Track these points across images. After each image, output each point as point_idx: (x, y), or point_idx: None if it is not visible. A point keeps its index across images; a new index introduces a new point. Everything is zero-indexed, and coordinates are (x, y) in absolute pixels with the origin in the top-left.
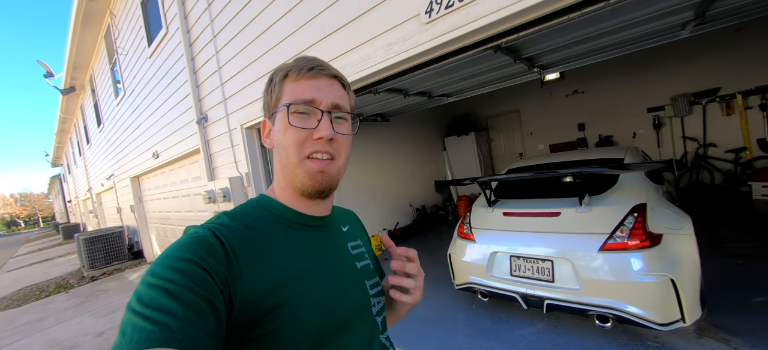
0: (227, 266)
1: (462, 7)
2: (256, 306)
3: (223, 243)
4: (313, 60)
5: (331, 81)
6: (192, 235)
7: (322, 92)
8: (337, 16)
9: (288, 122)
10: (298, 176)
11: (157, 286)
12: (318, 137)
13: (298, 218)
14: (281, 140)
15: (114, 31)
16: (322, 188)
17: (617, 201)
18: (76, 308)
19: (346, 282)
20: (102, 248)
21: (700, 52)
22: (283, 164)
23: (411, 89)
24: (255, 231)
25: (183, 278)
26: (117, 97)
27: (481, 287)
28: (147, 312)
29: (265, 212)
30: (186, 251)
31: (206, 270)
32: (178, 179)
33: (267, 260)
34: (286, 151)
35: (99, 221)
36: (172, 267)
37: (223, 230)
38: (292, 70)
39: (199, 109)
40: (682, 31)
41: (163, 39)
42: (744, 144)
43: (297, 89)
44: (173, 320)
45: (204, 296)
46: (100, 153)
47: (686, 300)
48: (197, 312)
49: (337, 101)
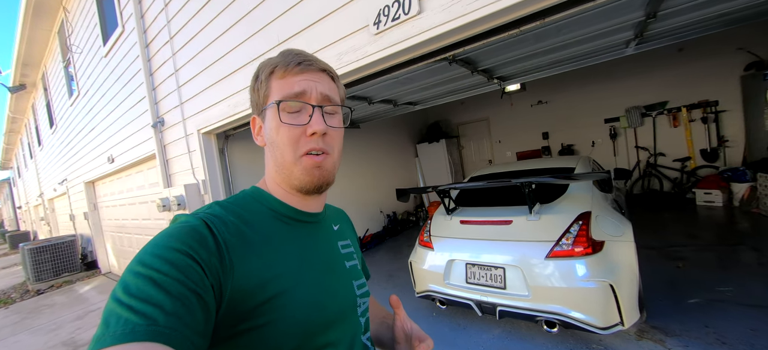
0: (218, 258)
1: (407, 20)
2: (245, 300)
3: (214, 234)
4: (300, 54)
5: (320, 74)
6: (183, 224)
7: (312, 86)
8: (291, 24)
9: (279, 120)
10: (295, 173)
11: (145, 276)
12: (311, 132)
13: (291, 214)
14: (274, 138)
15: (67, 27)
16: (319, 184)
17: (565, 209)
18: (14, 325)
19: (336, 281)
20: (50, 259)
21: (651, 67)
22: (278, 163)
23: (375, 97)
24: (247, 224)
25: (172, 269)
26: (71, 96)
27: (438, 295)
28: (133, 303)
29: (259, 205)
30: (177, 240)
31: (197, 261)
32: (134, 185)
33: (259, 254)
34: (280, 150)
35: (51, 229)
36: (162, 257)
37: (216, 221)
38: (279, 65)
39: (156, 112)
40: (626, 49)
41: (118, 38)
42: (689, 154)
43: (285, 85)
44: (160, 313)
45: (193, 289)
46: (52, 156)
47: (624, 304)
48: (185, 305)
49: (327, 94)
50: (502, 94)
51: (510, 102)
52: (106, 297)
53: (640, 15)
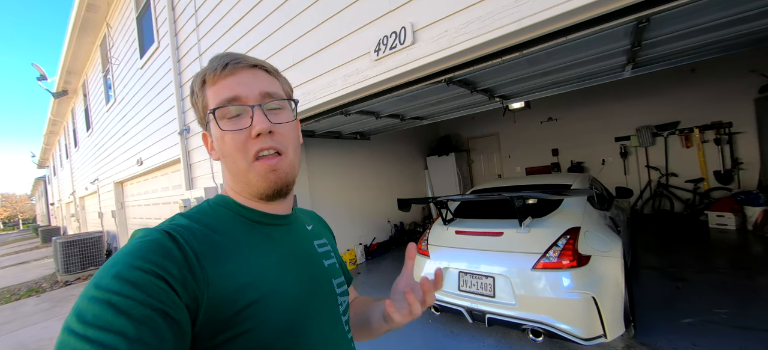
0: (188, 269)
1: (403, 50)
2: (223, 309)
3: (180, 245)
4: (226, 55)
5: (253, 71)
6: (143, 239)
7: (245, 85)
8: (305, 48)
9: (220, 128)
10: (251, 180)
11: (101, 300)
12: (256, 133)
13: (260, 218)
14: (222, 148)
15: (109, 41)
16: (278, 188)
17: (555, 224)
18: (45, 312)
19: (314, 280)
20: (79, 253)
21: (662, 87)
22: (233, 173)
23: (382, 112)
24: (216, 231)
25: (133, 289)
26: (108, 103)
27: None
28: (89, 333)
29: (226, 211)
30: (137, 257)
31: (162, 277)
32: (159, 187)
33: (233, 259)
34: (231, 158)
35: (80, 225)
36: (121, 277)
37: (182, 231)
38: (207, 72)
39: (183, 120)
40: (623, 73)
41: (154, 52)
42: (702, 175)
43: (218, 91)
44: (122, 340)
45: (159, 308)
46: (86, 157)
47: (607, 317)
48: (151, 328)
49: (265, 90)
50: (504, 111)
51: (513, 119)
52: None
53: (626, 44)
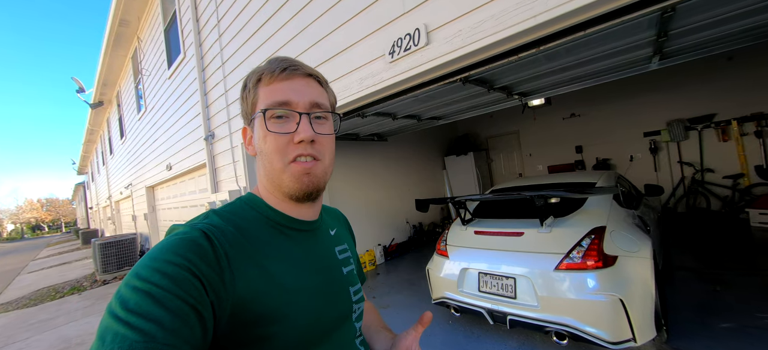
0: (218, 271)
1: (417, 51)
2: (246, 313)
3: (214, 246)
4: (285, 60)
5: (307, 80)
6: (181, 235)
7: (298, 92)
8: (322, 52)
9: (266, 128)
10: (284, 181)
11: (142, 290)
12: (298, 140)
13: (287, 222)
14: (262, 147)
15: (140, 53)
16: (309, 191)
17: (578, 224)
18: (86, 309)
19: (333, 289)
20: (115, 254)
21: (694, 78)
22: (268, 171)
23: (399, 113)
24: (245, 234)
25: (171, 283)
26: (139, 112)
27: (453, 302)
28: (130, 319)
29: (255, 213)
30: (175, 253)
31: (196, 275)
32: (187, 190)
33: (258, 265)
34: (269, 158)
35: (116, 228)
36: (160, 271)
37: (215, 232)
38: (265, 72)
39: (208, 127)
40: (649, 64)
41: (180, 63)
42: (742, 171)
43: (271, 93)
44: (158, 329)
45: (192, 304)
46: (121, 163)
47: (636, 320)
48: (184, 321)
49: (314, 100)
50: (523, 109)
51: (533, 116)
52: None
53: (651, 35)
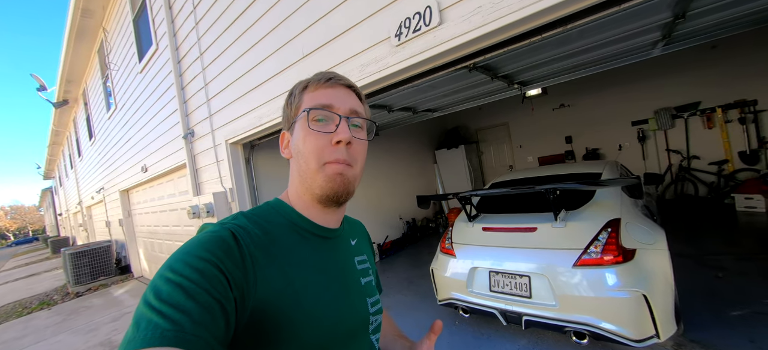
0: (243, 270)
1: (428, 31)
2: (265, 313)
3: (240, 245)
4: (330, 73)
5: (347, 90)
6: (211, 233)
7: (340, 99)
8: (315, 38)
9: (308, 127)
10: (318, 181)
11: (175, 283)
12: (337, 140)
13: (311, 228)
14: (300, 147)
15: (107, 46)
16: (340, 192)
17: (592, 216)
18: (57, 326)
19: (351, 299)
20: (88, 263)
21: (680, 67)
22: (302, 171)
23: (395, 105)
24: (270, 237)
25: (201, 278)
26: (108, 110)
27: (462, 303)
28: (163, 309)
29: (281, 218)
30: (205, 250)
31: (223, 272)
32: (165, 193)
33: (280, 268)
34: (305, 158)
35: (88, 235)
36: (191, 265)
37: (242, 233)
38: (312, 81)
39: (186, 124)
40: (653, 50)
41: (153, 55)
42: (726, 157)
43: (316, 97)
44: (188, 320)
45: (218, 299)
46: (91, 166)
47: (659, 316)
48: (210, 314)
49: (354, 107)
50: (523, 99)
51: (531, 106)
52: (139, 300)
53: (668, 16)
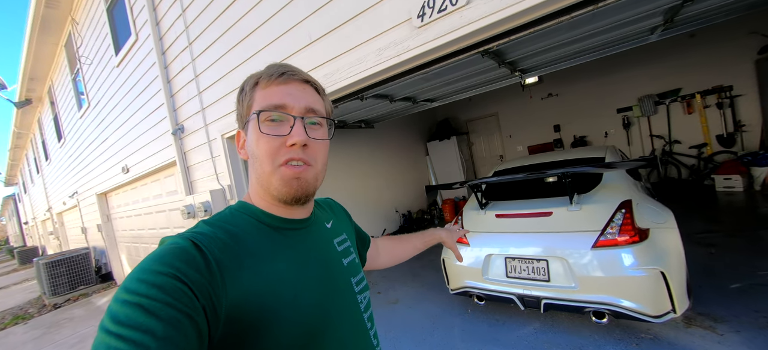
0: (209, 277)
1: (455, 11)
2: (243, 316)
3: (203, 252)
4: (283, 66)
5: (303, 86)
6: (169, 245)
7: (294, 97)
8: (325, 21)
9: (259, 131)
10: (273, 184)
11: (132, 303)
12: (291, 143)
13: (279, 223)
14: (254, 149)
15: (76, 38)
16: (298, 196)
17: (604, 199)
18: (36, 340)
19: (332, 282)
20: (66, 273)
21: (662, 55)
22: (258, 174)
23: (396, 95)
24: (236, 239)
25: (160, 292)
26: (80, 109)
27: (477, 290)
28: (122, 332)
29: (245, 218)
30: (162, 263)
31: (185, 283)
32: (151, 195)
33: (250, 267)
34: (260, 160)
35: (61, 243)
36: (148, 282)
37: (203, 239)
38: (263, 77)
39: (175, 119)
40: (650, 36)
41: (132, 47)
42: (705, 140)
43: (267, 96)
44: (151, 339)
45: (184, 311)
46: (60, 169)
47: (676, 291)
48: (177, 329)
49: (310, 106)
50: (523, 87)
51: (529, 95)
52: None
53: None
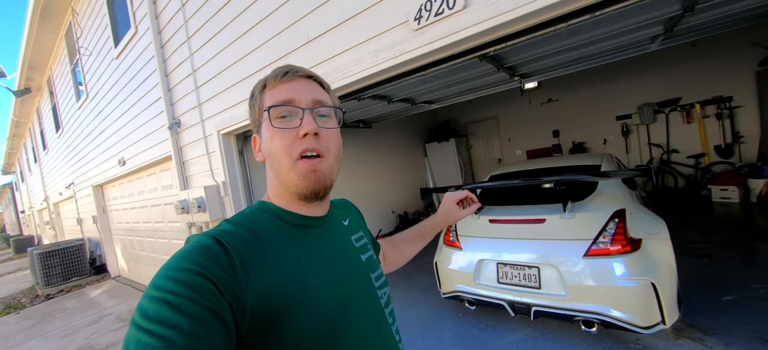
0: (232, 273)
1: (452, 16)
2: (266, 311)
3: (227, 250)
4: (286, 66)
5: (307, 81)
6: (194, 244)
7: (300, 91)
8: (323, 21)
9: (272, 127)
10: (292, 179)
11: (160, 299)
12: (303, 133)
13: (298, 220)
14: (270, 147)
15: (76, 29)
16: (316, 189)
17: (598, 207)
18: (28, 330)
19: (353, 278)
20: (59, 264)
21: (663, 64)
22: (276, 171)
23: (395, 96)
24: (258, 235)
25: (186, 289)
26: (78, 100)
27: (468, 295)
28: (151, 327)
29: (266, 216)
30: (188, 261)
31: (210, 280)
32: (146, 188)
33: (273, 263)
34: (276, 156)
35: (56, 234)
36: (175, 279)
37: (226, 237)
38: (269, 79)
39: (172, 113)
40: (651, 45)
41: (131, 39)
42: (703, 150)
43: (275, 94)
44: (177, 334)
45: (210, 307)
46: (58, 160)
47: (666, 303)
48: (202, 324)
49: (317, 97)
50: (522, 92)
51: (528, 99)
52: (119, 300)
53: (677, 9)
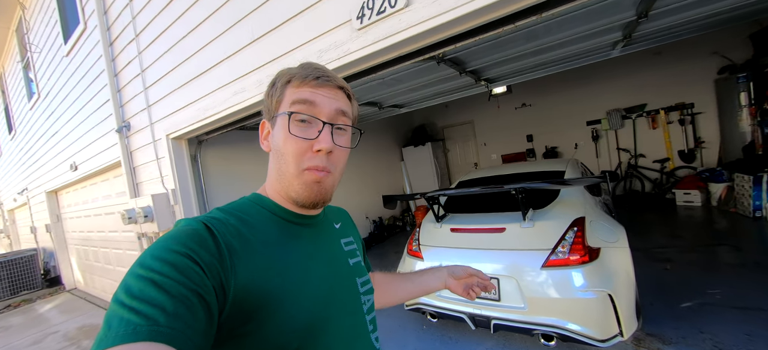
0: (219, 259)
1: (393, 14)
2: (248, 300)
3: (215, 236)
4: (318, 68)
5: (336, 91)
6: (184, 227)
7: (325, 101)
8: (266, 20)
9: (288, 131)
10: (294, 186)
11: (145, 278)
12: (318, 148)
13: (291, 217)
14: (280, 147)
15: (25, 24)
16: (316, 201)
17: (558, 215)
18: None
19: (338, 279)
20: (7, 276)
21: (630, 71)
22: (281, 171)
23: (359, 99)
24: (248, 226)
25: (173, 270)
26: (30, 99)
27: (429, 308)
28: (134, 305)
29: (258, 208)
30: (177, 242)
31: (197, 262)
32: (100, 195)
33: (260, 255)
34: (285, 159)
35: (12, 243)
36: (162, 259)
37: (216, 224)
38: (296, 76)
39: (121, 116)
40: (612, 51)
41: (80, 36)
42: (667, 155)
43: (300, 96)
44: (161, 313)
45: (194, 290)
46: (11, 164)
47: (623, 314)
48: (186, 306)
49: (340, 108)
50: (489, 96)
51: (497, 105)
52: (69, 316)
53: (631, 15)
